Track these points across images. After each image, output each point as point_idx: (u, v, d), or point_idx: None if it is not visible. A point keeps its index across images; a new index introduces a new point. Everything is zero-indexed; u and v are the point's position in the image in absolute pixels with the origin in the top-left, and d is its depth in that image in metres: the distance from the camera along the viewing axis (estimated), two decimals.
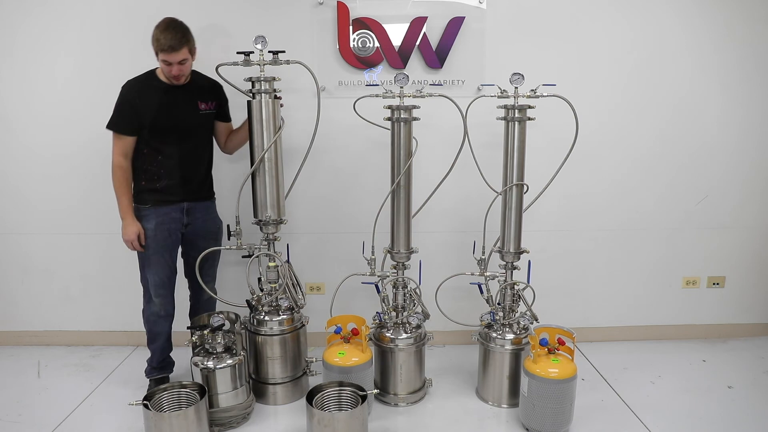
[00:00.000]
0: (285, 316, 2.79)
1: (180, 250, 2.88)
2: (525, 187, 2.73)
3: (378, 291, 2.87)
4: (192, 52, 2.61)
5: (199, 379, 2.54)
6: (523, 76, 2.59)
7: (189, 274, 2.91)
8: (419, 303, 2.88)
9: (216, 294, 2.94)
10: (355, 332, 2.74)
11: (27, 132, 3.24)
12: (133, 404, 2.33)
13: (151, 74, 2.68)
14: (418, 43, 3.08)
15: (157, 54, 2.54)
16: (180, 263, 2.90)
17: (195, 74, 2.77)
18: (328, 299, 3.02)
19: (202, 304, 2.99)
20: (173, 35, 2.49)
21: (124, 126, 2.61)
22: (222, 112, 2.88)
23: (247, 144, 2.74)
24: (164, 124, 2.64)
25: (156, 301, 2.79)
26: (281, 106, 2.74)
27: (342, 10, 3.05)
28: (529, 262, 2.85)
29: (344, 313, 2.91)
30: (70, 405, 2.81)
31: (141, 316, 2.88)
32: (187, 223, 2.80)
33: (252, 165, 2.70)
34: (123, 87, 2.65)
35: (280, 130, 2.69)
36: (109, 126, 2.63)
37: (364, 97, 2.77)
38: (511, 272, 2.79)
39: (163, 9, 3.06)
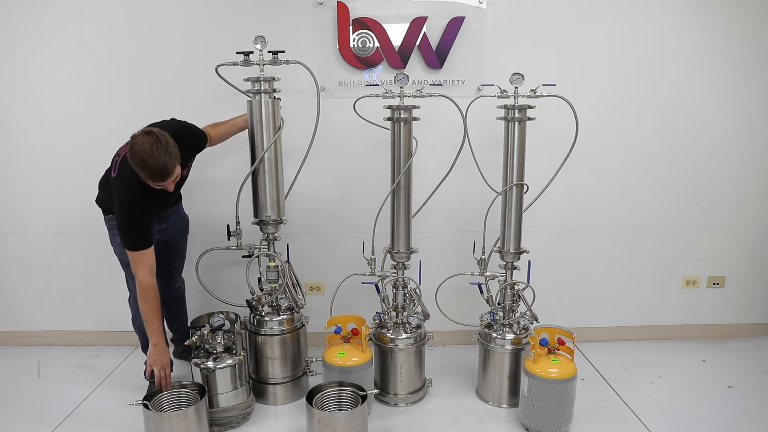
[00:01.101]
0: (285, 316, 2.79)
1: None
2: (525, 187, 2.73)
3: (378, 291, 2.87)
4: (178, 164, 2.32)
5: (199, 379, 2.55)
6: (523, 76, 2.59)
7: (159, 270, 2.57)
8: (419, 303, 2.88)
9: (183, 284, 3.03)
10: (355, 332, 2.74)
11: (27, 132, 3.24)
12: (133, 404, 2.34)
13: (135, 174, 2.31)
14: (418, 43, 3.08)
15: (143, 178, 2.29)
16: None
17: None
18: (328, 299, 3.02)
19: (172, 294, 2.96)
20: (156, 165, 2.20)
21: (148, 239, 2.39)
22: (197, 149, 2.68)
23: (247, 144, 2.73)
24: (157, 213, 2.56)
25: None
26: (280, 108, 2.74)
27: (342, 10, 3.05)
28: (529, 262, 2.85)
29: (344, 313, 2.92)
30: (70, 405, 2.81)
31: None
32: (162, 229, 2.75)
33: (252, 165, 2.70)
34: (125, 198, 2.35)
35: (280, 130, 2.69)
36: (131, 247, 2.37)
37: (364, 97, 2.77)
38: (511, 272, 2.79)
39: (164, 9, 3.08)
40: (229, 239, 2.87)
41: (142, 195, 2.36)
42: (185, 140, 2.45)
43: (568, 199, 3.31)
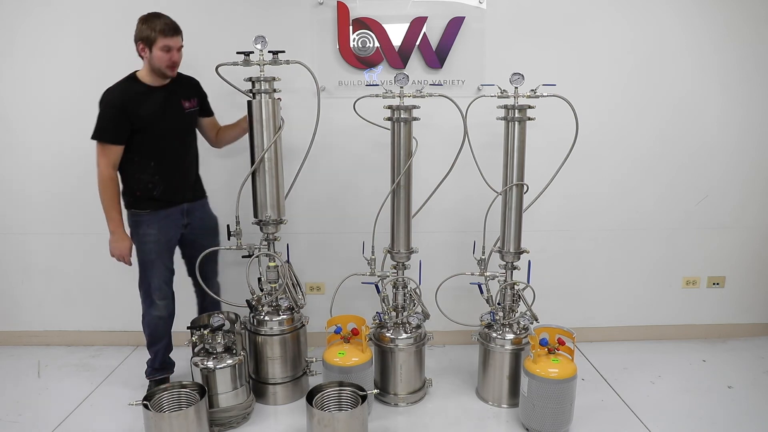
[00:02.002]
0: (285, 316, 2.79)
1: (180, 251, 2.88)
2: (525, 187, 2.73)
3: (378, 291, 2.87)
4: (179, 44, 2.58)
5: (199, 379, 2.55)
6: (523, 76, 2.59)
7: (193, 273, 2.89)
8: (419, 303, 2.88)
9: (219, 289, 2.97)
10: (355, 332, 2.74)
11: (27, 131, 3.24)
12: (133, 404, 2.34)
13: (132, 78, 2.59)
14: (418, 43, 3.08)
15: (152, 43, 2.48)
16: (181, 264, 2.90)
17: (179, 75, 2.72)
18: (328, 299, 3.02)
19: (208, 303, 2.99)
20: (169, 20, 2.49)
21: (114, 135, 2.53)
22: (204, 107, 2.85)
23: (247, 143, 2.73)
24: (156, 128, 2.58)
25: (160, 304, 2.76)
26: (280, 108, 2.74)
27: (342, 10, 3.05)
28: (529, 262, 2.85)
29: (344, 313, 2.92)
30: (70, 405, 2.81)
31: (141, 316, 2.87)
32: (187, 224, 2.80)
33: (252, 165, 2.70)
34: (105, 94, 2.54)
35: (280, 130, 2.69)
36: (96, 136, 2.53)
37: (364, 97, 2.77)
38: (511, 272, 2.79)
39: (164, 9, 3.07)
40: (229, 239, 2.87)
41: (130, 89, 2.54)
42: (191, 82, 2.77)
43: (568, 199, 3.31)
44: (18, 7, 3.08)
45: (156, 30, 2.47)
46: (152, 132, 2.59)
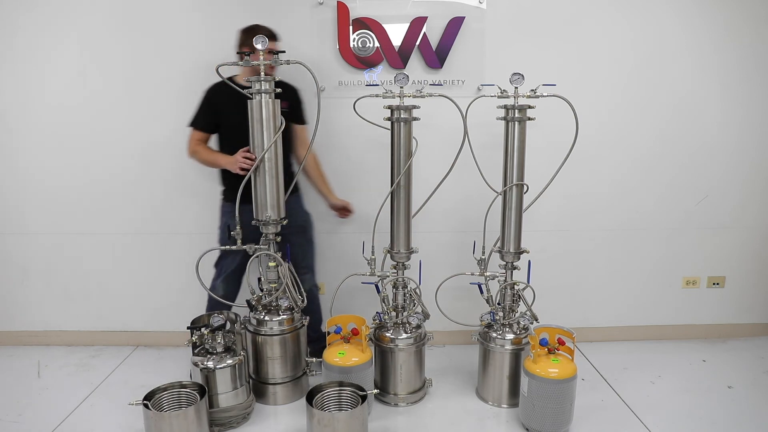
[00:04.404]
0: (285, 316, 2.79)
1: None
2: (525, 187, 2.73)
3: (378, 291, 2.87)
4: (276, 48, 2.73)
5: (199, 379, 2.54)
6: (523, 76, 2.59)
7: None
8: (419, 303, 2.88)
9: (314, 276, 3.11)
10: (355, 332, 2.74)
11: (27, 132, 3.24)
12: (133, 404, 2.34)
13: (230, 79, 2.74)
14: (418, 43, 3.08)
15: (242, 45, 2.71)
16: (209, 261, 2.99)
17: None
18: (328, 299, 3.02)
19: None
20: (261, 29, 2.69)
21: (201, 123, 2.86)
22: (295, 113, 2.88)
23: (248, 144, 2.73)
24: (236, 122, 2.71)
25: (221, 287, 2.94)
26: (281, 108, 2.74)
27: (342, 10, 3.05)
28: (529, 262, 2.85)
29: (344, 313, 2.92)
30: (70, 405, 2.81)
31: (142, 314, 2.93)
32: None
33: (252, 165, 2.69)
34: (206, 90, 2.85)
35: (280, 130, 2.69)
36: (190, 123, 2.87)
37: (364, 97, 2.77)
38: (511, 272, 2.79)
39: (164, 9, 3.08)
40: (229, 239, 2.87)
41: (221, 91, 2.80)
42: (287, 87, 2.87)
43: (568, 199, 3.31)
44: (18, 6, 3.08)
45: (250, 33, 2.64)
46: (234, 126, 2.74)
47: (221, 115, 2.84)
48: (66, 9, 3.08)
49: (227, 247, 2.84)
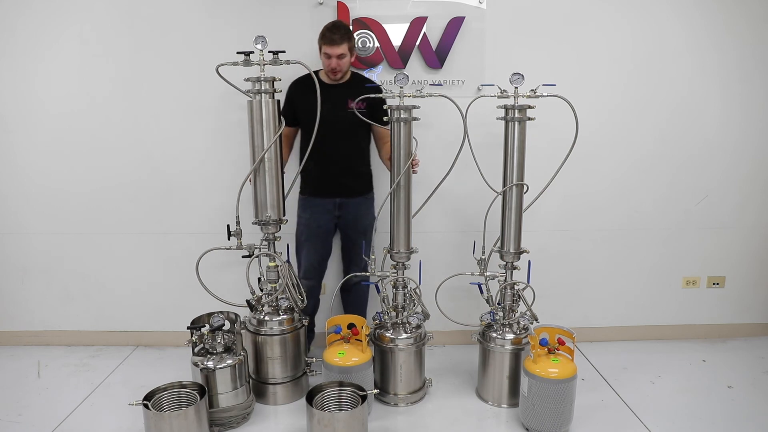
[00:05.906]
0: (285, 316, 2.79)
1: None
2: (525, 187, 2.73)
3: (378, 291, 2.87)
4: (351, 50, 2.79)
5: (199, 379, 2.54)
6: (523, 76, 2.59)
7: (343, 257, 3.17)
8: (419, 303, 2.88)
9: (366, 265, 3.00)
10: (355, 332, 2.74)
11: (26, 131, 3.23)
12: (133, 404, 2.33)
13: (314, 73, 2.73)
14: (418, 43, 3.08)
15: (320, 48, 2.77)
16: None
17: (357, 76, 2.96)
18: (328, 299, 3.02)
19: (351, 283, 3.03)
20: (336, 31, 2.72)
21: (283, 116, 2.83)
22: (374, 113, 2.85)
23: (248, 144, 2.73)
24: (312, 117, 2.70)
25: (304, 283, 2.96)
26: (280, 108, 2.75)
27: (342, 10, 3.05)
28: (529, 262, 2.85)
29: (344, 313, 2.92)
30: (70, 405, 2.81)
31: (143, 314, 2.98)
32: (339, 216, 2.98)
33: (252, 165, 2.70)
34: (289, 89, 2.94)
35: (280, 130, 2.69)
36: None
37: (365, 97, 2.77)
38: (511, 272, 2.80)
39: (163, 9, 3.08)
40: (229, 239, 2.87)
41: (303, 82, 2.89)
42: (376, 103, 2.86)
43: (568, 199, 3.31)
44: (17, 6, 3.08)
45: (323, 38, 2.73)
46: (311, 122, 2.73)
47: (297, 109, 2.91)
48: (66, 5, 3.08)
49: (227, 247, 2.84)
